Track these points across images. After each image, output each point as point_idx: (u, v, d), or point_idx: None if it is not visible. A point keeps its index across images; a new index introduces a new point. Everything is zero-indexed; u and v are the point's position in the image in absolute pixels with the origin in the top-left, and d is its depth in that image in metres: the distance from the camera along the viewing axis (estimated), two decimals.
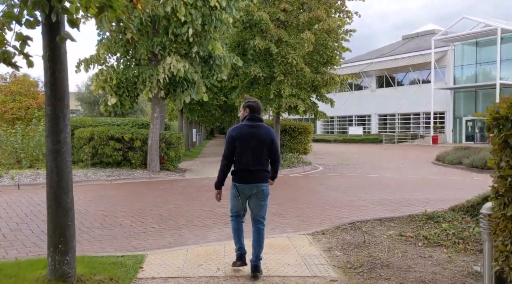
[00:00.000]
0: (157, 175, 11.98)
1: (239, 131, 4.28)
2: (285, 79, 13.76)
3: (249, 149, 4.22)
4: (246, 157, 4.22)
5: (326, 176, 13.47)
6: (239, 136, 4.25)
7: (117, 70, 11.66)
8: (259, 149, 4.24)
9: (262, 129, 4.29)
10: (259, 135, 4.24)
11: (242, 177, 4.26)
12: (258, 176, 4.27)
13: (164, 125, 15.48)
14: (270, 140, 4.27)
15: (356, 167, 16.83)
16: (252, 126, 4.27)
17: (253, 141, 4.22)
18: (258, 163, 4.25)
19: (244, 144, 4.23)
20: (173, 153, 12.75)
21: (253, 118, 4.31)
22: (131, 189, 10.09)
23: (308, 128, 16.73)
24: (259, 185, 4.26)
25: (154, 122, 12.20)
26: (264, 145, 4.25)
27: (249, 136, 4.23)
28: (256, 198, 4.31)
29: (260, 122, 4.33)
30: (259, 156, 4.25)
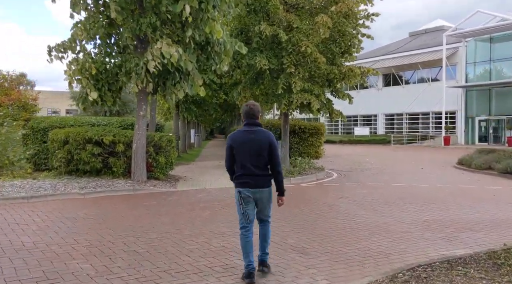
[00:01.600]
0: (143, 186, 9.88)
1: (237, 137, 4.38)
2: (296, 71, 11.68)
3: (248, 154, 4.29)
4: (246, 163, 4.30)
5: (344, 186, 11.39)
6: (236, 143, 4.34)
7: (96, 58, 9.56)
8: (258, 154, 4.29)
9: (260, 134, 4.33)
10: (257, 140, 4.29)
11: (244, 182, 4.32)
12: (260, 181, 4.32)
13: (155, 125, 13.38)
14: (268, 144, 4.30)
15: (374, 174, 14.77)
16: (250, 132, 4.32)
17: (251, 146, 4.28)
18: (258, 168, 4.31)
19: (242, 150, 4.31)
20: (163, 159, 10.66)
21: (251, 123, 4.35)
22: (107, 207, 8.00)
23: (320, 128, 14.65)
24: (262, 191, 4.34)
25: (140, 122, 10.12)
26: (263, 150, 4.29)
27: (247, 141, 4.30)
28: (261, 202, 4.40)
29: (258, 127, 4.36)
30: (258, 161, 4.30)
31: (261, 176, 4.31)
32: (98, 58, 9.56)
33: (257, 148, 4.25)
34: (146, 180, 10.28)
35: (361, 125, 47.20)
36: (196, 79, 9.56)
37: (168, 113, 25.45)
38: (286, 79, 11.85)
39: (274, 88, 12.60)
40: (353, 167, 17.55)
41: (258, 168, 4.29)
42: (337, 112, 12.63)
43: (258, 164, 4.29)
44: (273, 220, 4.98)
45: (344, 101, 13.18)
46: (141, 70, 9.02)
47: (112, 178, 10.41)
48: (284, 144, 13.22)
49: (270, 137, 4.33)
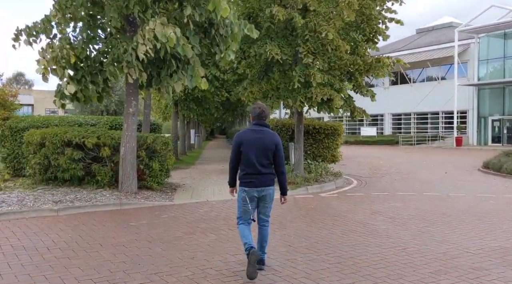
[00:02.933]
0: (132, 199, 8.14)
1: (245, 136, 4.51)
2: (315, 61, 9.95)
3: (255, 153, 4.43)
4: (252, 162, 4.42)
5: (371, 197, 9.67)
6: (244, 141, 4.47)
7: (75, 44, 7.82)
8: (264, 154, 4.45)
9: (267, 134, 4.51)
10: (264, 139, 4.45)
11: (250, 181, 4.44)
12: (265, 179, 4.46)
13: (149, 125, 11.62)
14: (274, 144, 4.47)
15: (398, 180, 13.05)
16: (257, 132, 4.50)
17: (258, 145, 4.43)
18: (264, 167, 4.46)
19: (249, 149, 4.44)
20: (158, 165, 8.93)
21: (258, 124, 4.54)
22: (84, 230, 6.25)
23: (338, 129, 12.90)
24: (266, 189, 4.46)
25: (129, 121, 8.39)
26: (269, 150, 4.45)
27: (254, 140, 4.45)
28: (263, 202, 4.53)
29: (265, 128, 4.55)
30: (264, 160, 4.45)
31: (266, 174, 4.48)
32: (78, 43, 7.81)
33: (264, 147, 4.44)
34: (136, 191, 8.55)
35: (367, 125, 45.46)
36: (197, 69, 7.82)
37: (166, 112, 23.70)
38: (302, 71, 10.12)
39: (287, 82, 10.87)
40: (370, 171, 15.84)
41: (264, 167, 4.46)
42: (359, 110, 10.90)
43: (264, 163, 4.46)
44: (300, 249, 5.11)
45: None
46: (131, 57, 7.28)
47: (96, 188, 8.68)
48: (298, 146, 11.50)
49: (276, 138, 4.56)
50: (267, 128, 4.56)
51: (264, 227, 4.66)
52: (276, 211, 7.68)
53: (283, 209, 7.96)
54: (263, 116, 4.55)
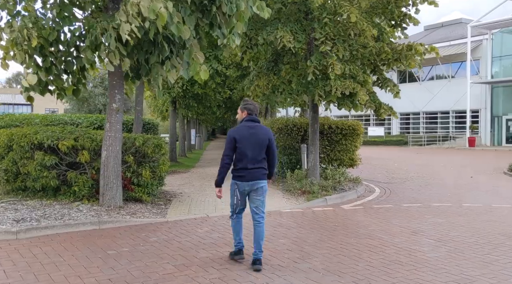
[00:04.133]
0: (114, 215, 6.60)
1: (240, 131, 4.63)
2: (334, 49, 8.41)
3: (249, 148, 4.56)
4: (246, 157, 4.54)
5: (403, 210, 8.12)
6: (239, 137, 4.59)
7: (41, 23, 6.27)
8: (258, 149, 4.61)
9: (261, 130, 4.68)
10: (258, 134, 4.62)
11: (243, 176, 4.55)
12: (257, 174, 4.59)
13: (141, 124, 10.05)
14: (268, 139, 4.66)
15: (423, 186, 11.51)
16: (251, 127, 4.65)
17: (252, 141, 4.59)
18: (257, 162, 4.59)
19: (244, 144, 4.56)
20: (148, 173, 7.38)
21: (252, 120, 4.70)
22: (44, 262, 4.67)
23: (357, 128, 11.33)
24: (258, 183, 4.59)
25: (112, 119, 6.85)
26: (263, 145, 4.63)
27: (248, 136, 4.59)
28: (255, 194, 4.64)
29: (258, 123, 4.72)
30: (258, 155, 4.60)
31: (258, 169, 4.60)
32: (46, 22, 6.27)
33: (258, 142, 4.60)
34: (121, 205, 7.01)
35: (373, 124, 43.89)
36: (195, 54, 6.27)
37: (165, 111, 22.16)
38: (319, 61, 8.58)
39: (301, 74, 9.35)
40: (388, 176, 14.30)
41: (257, 162, 4.59)
42: (385, 107, 9.35)
43: (258, 158, 4.60)
44: None
45: None
46: (110, 39, 5.75)
47: (73, 201, 7.14)
48: (313, 148, 9.95)
49: (269, 133, 4.74)
50: (259, 123, 4.74)
51: (259, 224, 4.68)
52: (294, 232, 6.14)
53: (302, 227, 6.42)
54: (255, 112, 4.73)
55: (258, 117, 4.78)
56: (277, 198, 8.87)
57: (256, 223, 4.67)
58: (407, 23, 9.35)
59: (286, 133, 11.40)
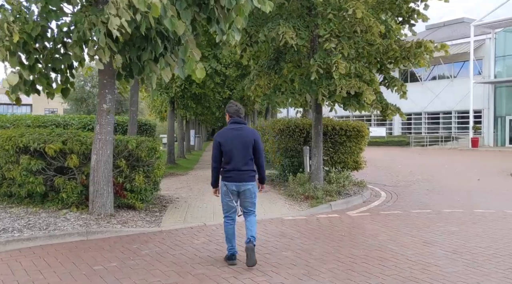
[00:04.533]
0: (104, 224, 6.13)
1: (224, 135, 4.72)
2: (339, 46, 7.95)
3: (235, 150, 4.63)
4: (233, 158, 4.62)
5: (412, 217, 7.65)
6: (224, 140, 4.67)
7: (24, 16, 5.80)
8: (244, 150, 4.66)
9: (246, 131, 4.72)
10: (243, 136, 4.68)
11: (230, 177, 4.65)
12: (245, 175, 4.66)
13: (136, 126, 9.57)
14: (253, 140, 4.70)
15: (430, 190, 11.06)
16: (236, 129, 4.71)
17: (238, 142, 4.64)
18: (244, 164, 4.65)
19: (230, 147, 4.63)
20: (142, 178, 6.91)
21: (236, 122, 4.76)
22: (22, 281, 4.25)
23: (362, 130, 10.86)
24: (245, 184, 4.66)
25: (103, 121, 6.39)
26: (249, 146, 4.68)
27: (233, 138, 4.65)
28: (244, 196, 4.73)
29: (243, 125, 4.76)
30: (244, 156, 4.66)
31: (246, 171, 4.67)
32: (29, 16, 5.81)
33: (244, 144, 4.65)
34: (112, 213, 6.55)
35: (374, 125, 43.44)
36: (191, 51, 5.81)
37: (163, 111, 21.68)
38: (323, 59, 8.12)
39: (303, 72, 8.90)
40: (393, 178, 13.86)
41: (244, 163, 4.65)
42: (393, 108, 8.88)
43: (244, 159, 4.65)
44: None
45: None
46: (99, 34, 5.29)
47: (61, 208, 6.68)
48: (316, 151, 9.49)
49: (255, 133, 4.78)
50: (244, 125, 4.79)
51: (250, 215, 4.81)
52: (298, 242, 5.68)
53: (307, 237, 5.96)
54: (239, 113, 4.79)
55: (243, 118, 4.87)
56: (279, 203, 8.41)
57: (247, 215, 4.84)
58: (415, 19, 8.89)
59: (287, 135, 10.94)
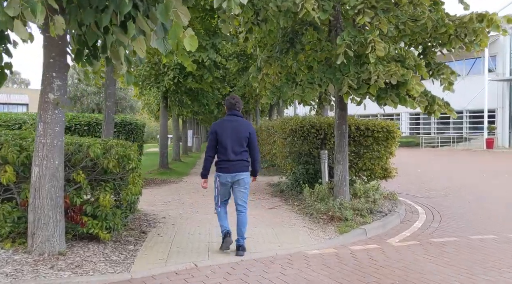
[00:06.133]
0: (45, 271, 4.08)
1: (221, 125, 4.94)
2: (375, 19, 5.98)
3: (230, 141, 4.85)
4: (227, 149, 4.84)
5: (475, 246, 5.67)
6: (220, 130, 4.89)
7: None
8: (239, 142, 4.88)
9: (241, 123, 4.96)
10: (239, 128, 4.91)
11: (225, 167, 4.85)
12: (239, 166, 4.87)
13: (113, 125, 7.44)
14: (248, 132, 4.93)
15: (473, 203, 9.08)
16: (232, 121, 4.95)
17: (233, 134, 4.87)
18: (239, 154, 4.87)
19: (225, 137, 4.85)
20: (109, 198, 4.92)
21: (233, 114, 5.00)
22: None
23: (393, 130, 8.89)
24: (239, 174, 4.87)
25: (48, 119, 4.39)
26: (243, 138, 4.90)
27: (229, 129, 4.88)
28: (238, 186, 4.92)
29: (239, 117, 5.00)
30: (239, 148, 4.87)
31: (240, 161, 4.86)
32: None
33: (239, 136, 4.87)
34: (62, 251, 4.55)
35: None
36: (176, 10, 3.84)
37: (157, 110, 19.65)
38: (353, 38, 6.15)
39: (326, 57, 6.92)
40: (420, 186, 11.90)
41: (238, 154, 4.85)
42: (441, 103, 6.90)
43: (239, 150, 4.86)
44: None
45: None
46: None
47: None
48: (341, 157, 7.50)
49: (250, 127, 5.02)
50: (241, 117, 5.02)
51: (241, 213, 4.97)
52: None
53: None
54: (236, 106, 5.02)
55: (240, 112, 5.06)
56: (297, 227, 6.41)
57: (239, 213, 4.96)
58: None
59: (301, 136, 8.97)
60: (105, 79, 7.64)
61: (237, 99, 5.03)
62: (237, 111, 5.00)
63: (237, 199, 4.96)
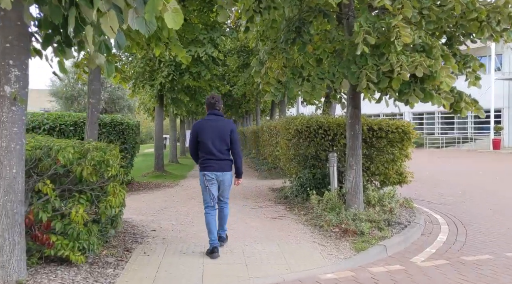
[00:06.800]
0: None
1: (201, 125, 4.98)
2: (396, 2, 5.15)
3: (211, 140, 4.87)
4: (210, 149, 4.86)
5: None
6: (201, 130, 4.93)
7: None
8: (221, 140, 4.89)
9: (222, 122, 4.99)
10: (220, 127, 4.93)
11: (208, 166, 4.88)
12: (222, 164, 4.90)
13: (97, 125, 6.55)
14: (229, 130, 4.94)
15: (496, 211, 8.23)
16: (213, 120, 4.98)
17: (214, 133, 4.89)
18: (221, 153, 4.89)
19: (206, 136, 4.89)
20: (82, 212, 4.09)
21: (213, 113, 5.03)
22: None
23: (408, 131, 8.04)
24: (224, 174, 4.93)
25: (4, 117, 3.59)
26: (225, 136, 4.91)
27: (210, 128, 4.91)
28: (223, 185, 4.99)
29: (220, 116, 5.04)
30: (222, 146, 4.89)
31: (224, 160, 4.90)
32: None
33: (221, 134, 4.89)
34: (24, 278, 3.72)
35: None
36: None
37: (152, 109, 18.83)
38: (373, 24, 5.32)
39: (338, 48, 6.10)
40: (433, 191, 11.04)
41: (221, 153, 4.89)
42: (468, 100, 6.07)
43: (221, 149, 4.89)
44: None
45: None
46: None
47: None
48: (354, 161, 6.67)
49: (231, 124, 5.04)
50: (221, 116, 5.05)
51: (223, 208, 5.15)
52: None
53: None
54: (216, 106, 5.04)
55: (220, 110, 5.09)
56: (306, 243, 5.57)
57: (220, 208, 5.13)
58: None
59: (307, 138, 8.14)
60: (89, 73, 6.79)
61: (217, 98, 5.08)
62: (217, 110, 5.04)
63: (220, 196, 5.06)
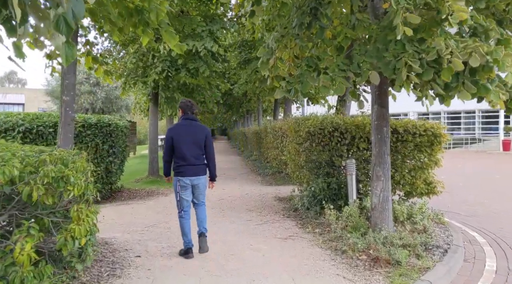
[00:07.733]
0: None
1: (176, 130, 4.94)
2: None
3: (186, 145, 4.86)
4: (184, 154, 4.85)
5: None
6: (175, 135, 4.89)
7: None
8: (195, 146, 4.89)
9: (196, 127, 4.97)
10: (195, 132, 4.92)
11: (183, 171, 4.86)
12: (197, 169, 4.92)
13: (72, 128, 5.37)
14: (204, 135, 4.97)
15: None
16: (187, 125, 4.95)
17: (188, 138, 4.88)
18: (196, 158, 4.89)
19: (181, 142, 4.86)
20: (29, 248, 2.97)
21: (188, 118, 5.01)
22: None
23: (438, 133, 6.89)
24: (198, 178, 4.94)
25: None
26: (199, 141, 4.92)
27: (184, 134, 4.89)
28: (198, 189, 5.00)
29: (194, 121, 5.02)
30: (196, 151, 4.90)
31: (198, 165, 4.92)
32: None
33: (196, 140, 4.89)
34: None
35: None
36: None
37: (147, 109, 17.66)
38: (413, 1, 4.20)
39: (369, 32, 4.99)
40: (456, 200, 9.90)
41: (196, 158, 4.89)
42: None
43: (196, 154, 4.89)
44: None
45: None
46: None
47: None
48: (381, 170, 5.52)
49: (206, 130, 5.05)
50: (196, 121, 5.03)
51: (200, 208, 5.09)
52: None
53: None
54: (192, 110, 5.03)
55: (195, 115, 5.06)
56: (327, 275, 4.42)
57: (198, 209, 5.08)
58: None
59: (320, 141, 7.01)
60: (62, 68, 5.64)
61: (192, 102, 5.07)
62: (193, 115, 5.03)
63: (194, 199, 5.05)
